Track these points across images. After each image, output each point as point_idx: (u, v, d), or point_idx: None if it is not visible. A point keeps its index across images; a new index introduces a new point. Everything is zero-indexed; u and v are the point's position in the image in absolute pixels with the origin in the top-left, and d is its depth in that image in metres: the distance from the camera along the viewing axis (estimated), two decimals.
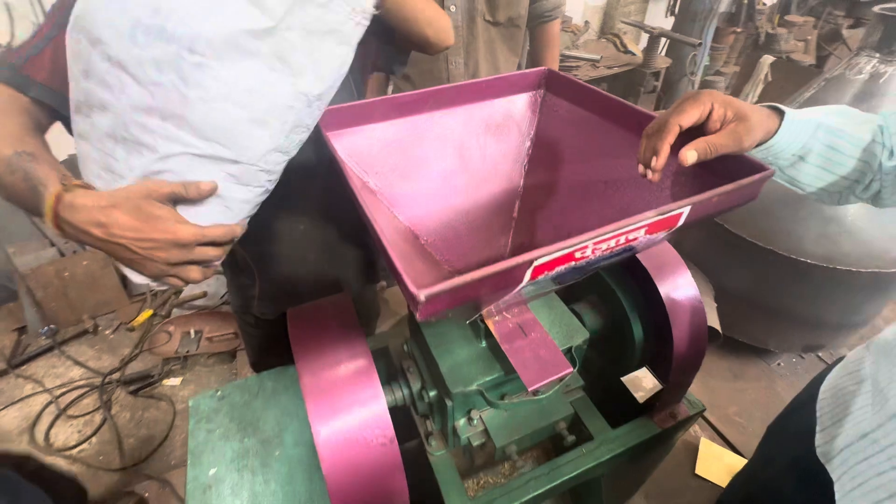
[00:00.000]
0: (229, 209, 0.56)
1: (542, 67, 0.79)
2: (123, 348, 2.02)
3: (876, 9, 1.32)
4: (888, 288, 1.49)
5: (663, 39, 2.78)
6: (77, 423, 1.74)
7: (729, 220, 1.60)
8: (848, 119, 0.57)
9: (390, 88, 1.43)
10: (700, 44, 2.45)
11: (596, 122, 0.75)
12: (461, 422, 0.79)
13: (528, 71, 0.79)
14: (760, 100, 2.04)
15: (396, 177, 0.75)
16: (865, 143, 0.56)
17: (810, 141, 0.56)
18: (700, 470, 1.48)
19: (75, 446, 1.66)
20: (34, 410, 1.77)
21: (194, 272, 0.55)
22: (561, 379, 0.69)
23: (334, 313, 0.76)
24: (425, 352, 0.78)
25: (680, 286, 0.81)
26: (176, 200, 0.52)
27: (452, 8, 1.20)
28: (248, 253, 0.89)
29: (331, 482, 0.58)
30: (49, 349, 2.00)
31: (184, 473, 1.55)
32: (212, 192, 0.53)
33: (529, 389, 0.64)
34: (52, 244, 2.13)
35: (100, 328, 2.11)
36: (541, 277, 0.42)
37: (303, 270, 0.94)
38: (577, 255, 0.42)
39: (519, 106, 0.81)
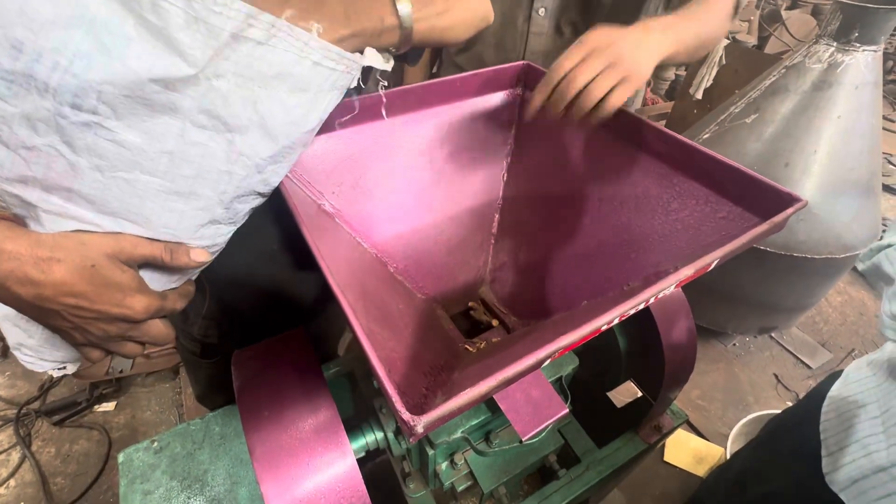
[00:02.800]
0: (169, 278, 0.45)
1: (520, 62, 0.68)
2: (42, 373, 1.77)
3: None
4: (838, 272, 1.56)
5: None
6: None
7: None
8: None
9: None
10: None
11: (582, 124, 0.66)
12: (443, 466, 0.71)
13: (502, 66, 0.68)
14: (715, 83, 2.04)
15: (358, 195, 0.63)
16: None
17: None
18: (669, 457, 1.52)
19: None
20: None
21: (134, 348, 0.45)
22: (556, 422, 0.62)
23: (289, 355, 0.65)
24: None
25: (669, 298, 0.76)
26: (146, 265, 0.41)
27: (542, 11, 0.96)
28: (201, 273, 0.76)
29: None
30: None
31: None
32: (204, 265, 0.44)
33: (524, 440, 0.57)
34: None
35: (10, 351, 1.83)
36: None
37: (262, 297, 0.81)
38: (604, 327, 0.33)
39: (495, 107, 0.70)
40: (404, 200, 0.67)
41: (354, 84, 0.44)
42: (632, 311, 0.33)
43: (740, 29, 3.63)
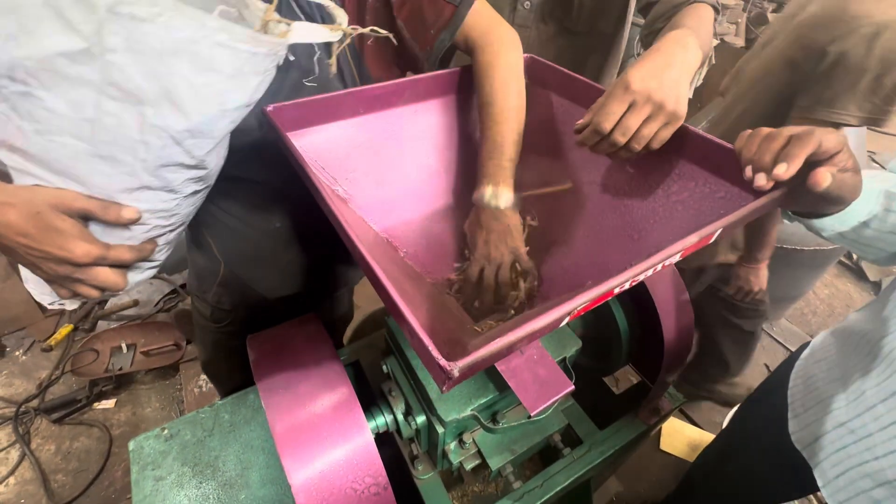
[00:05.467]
0: (132, 234, 0.50)
1: (526, 55, 0.71)
2: (40, 371, 1.76)
3: None
4: (824, 264, 1.61)
5: None
6: None
7: None
8: None
9: None
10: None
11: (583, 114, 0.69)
12: (452, 445, 0.73)
13: None
14: (705, 83, 2.09)
15: (370, 181, 0.65)
16: None
17: (874, 207, 0.56)
18: (664, 445, 1.55)
19: None
20: None
21: (90, 291, 0.50)
22: (562, 398, 0.64)
23: (303, 338, 0.67)
24: (410, 375, 0.71)
25: (668, 283, 0.79)
26: (87, 217, 0.46)
27: (527, 5, 0.99)
28: (213, 243, 0.78)
29: None
30: None
31: None
32: (133, 221, 0.47)
33: (532, 414, 0.59)
34: None
35: (7, 349, 1.82)
36: None
37: (270, 272, 0.84)
38: (616, 290, 0.36)
39: None
40: (414, 187, 0.69)
41: (282, 62, 0.46)
42: (641, 277, 0.36)
43: (728, 31, 3.71)
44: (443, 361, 0.27)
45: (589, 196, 0.67)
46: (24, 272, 0.50)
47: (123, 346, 1.78)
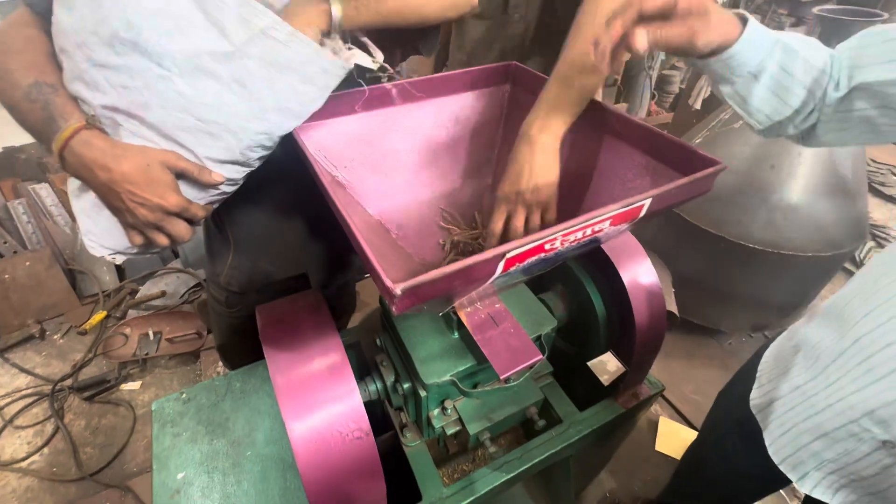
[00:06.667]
0: (205, 196, 0.62)
1: (509, 62, 0.80)
2: (75, 353, 1.91)
3: (815, 10, 1.41)
4: (826, 272, 1.62)
5: None
6: (26, 434, 1.64)
7: (685, 210, 1.69)
8: (805, 44, 0.56)
9: None
10: None
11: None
12: (435, 412, 0.80)
13: (493, 65, 0.80)
14: (712, 93, 2.14)
15: (366, 170, 0.74)
16: (817, 70, 0.55)
17: (767, 59, 0.54)
18: (660, 446, 1.57)
19: (25, 458, 1.56)
20: None
21: (162, 238, 0.60)
22: (531, 366, 0.71)
23: (306, 309, 0.75)
24: (398, 345, 0.79)
25: (640, 273, 0.84)
26: (182, 176, 0.57)
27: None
28: (228, 226, 0.87)
29: (307, 479, 0.58)
30: None
31: (147, 480, 1.51)
32: (217, 185, 0.59)
33: (501, 378, 0.66)
34: None
35: (47, 333, 1.98)
36: (512, 269, 0.44)
37: (276, 253, 0.93)
38: (547, 246, 0.43)
39: (486, 101, 0.81)
40: (405, 177, 0.78)
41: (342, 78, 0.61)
42: (573, 233, 0.43)
43: None
44: (389, 283, 0.35)
45: (564, 186, 0.74)
46: (86, 223, 0.60)
47: (150, 333, 1.92)
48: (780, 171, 1.50)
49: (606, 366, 0.91)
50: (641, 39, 0.44)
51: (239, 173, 0.62)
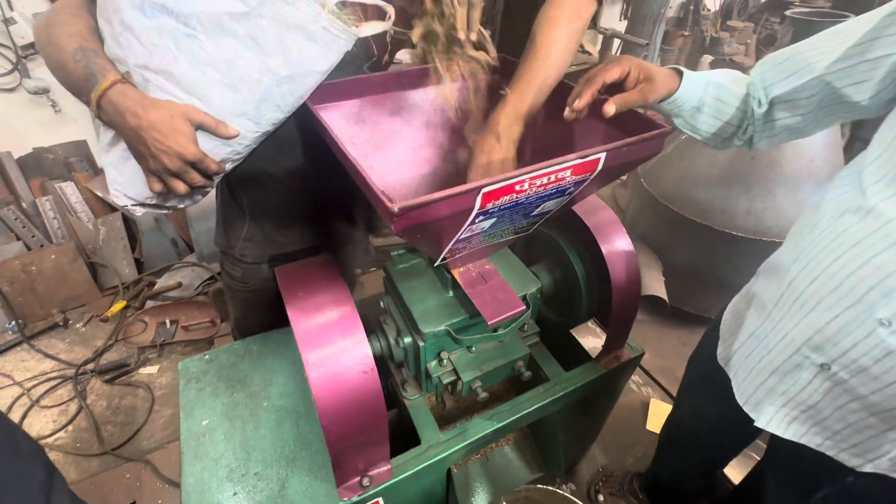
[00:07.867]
0: (220, 152, 0.70)
1: (498, 54, 0.90)
2: (96, 340, 2.02)
3: (787, 13, 1.52)
4: None
5: (616, 40, 2.99)
6: (51, 414, 1.74)
7: (673, 201, 1.78)
8: (729, 77, 0.74)
9: None
10: (647, 43, 2.67)
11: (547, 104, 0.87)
12: (433, 364, 0.89)
13: None
14: None
15: (371, 147, 0.85)
16: (742, 95, 0.73)
17: (703, 95, 0.72)
18: (650, 425, 1.64)
19: (51, 435, 1.66)
20: (4, 404, 1.76)
21: (180, 185, 0.68)
22: (516, 318, 0.80)
23: (320, 270, 0.85)
24: (399, 303, 0.89)
25: (617, 242, 0.94)
26: (201, 128, 0.66)
27: None
28: (244, 197, 0.94)
29: (320, 405, 0.68)
30: (17, 344, 1.98)
31: (165, 455, 1.60)
32: (232, 137, 0.68)
33: (490, 324, 0.76)
34: (18, 238, 2.11)
35: (70, 322, 2.10)
36: (490, 207, 0.54)
37: (288, 224, 0.99)
38: (517, 188, 0.53)
39: (479, 87, 0.92)
40: (406, 155, 0.88)
41: (350, 48, 0.69)
42: (540, 177, 0.53)
43: (738, 52, 3.84)
44: (387, 201, 0.45)
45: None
46: (112, 174, 0.70)
47: (167, 321, 2.03)
48: (759, 161, 1.60)
49: (590, 334, 1.00)
50: (610, 108, 0.62)
51: (251, 132, 0.70)
